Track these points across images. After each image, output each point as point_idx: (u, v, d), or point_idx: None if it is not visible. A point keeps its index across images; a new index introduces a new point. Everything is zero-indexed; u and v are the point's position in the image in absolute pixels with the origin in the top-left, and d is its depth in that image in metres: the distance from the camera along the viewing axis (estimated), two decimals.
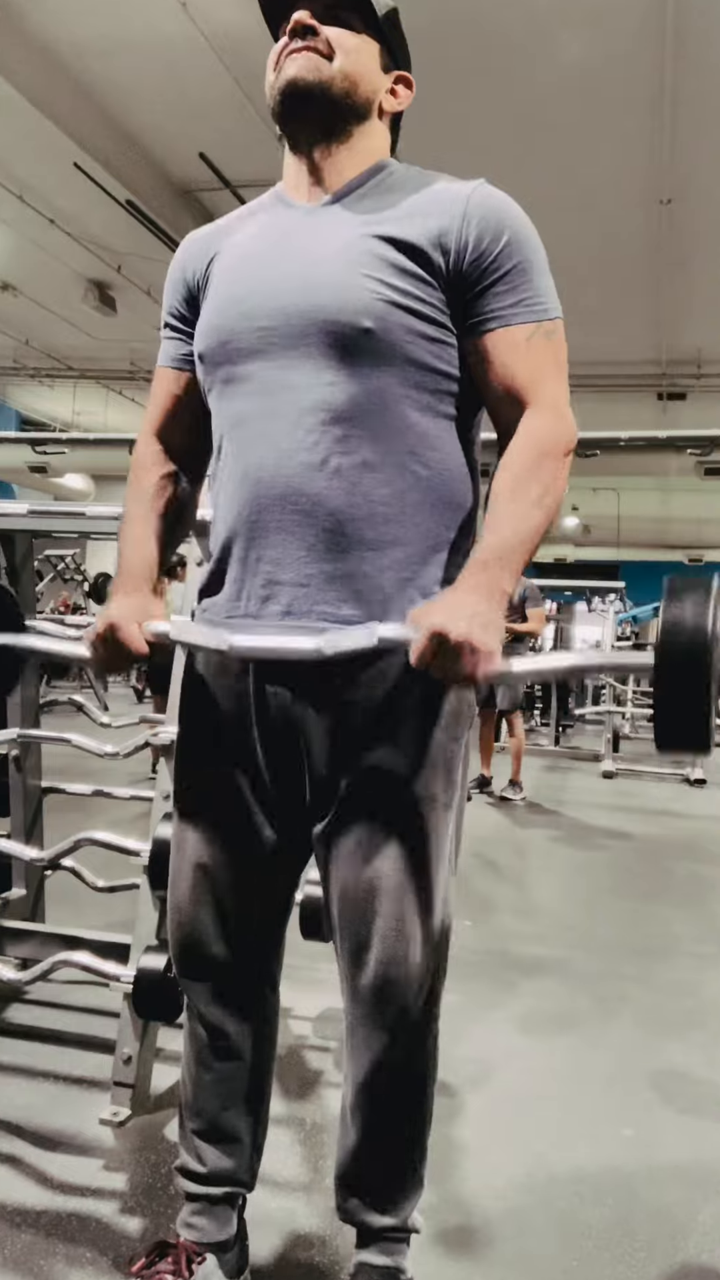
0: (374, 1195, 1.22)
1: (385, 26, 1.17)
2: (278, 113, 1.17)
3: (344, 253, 1.11)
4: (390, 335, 1.09)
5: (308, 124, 1.16)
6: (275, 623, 1.12)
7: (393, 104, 1.22)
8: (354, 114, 1.16)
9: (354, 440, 1.09)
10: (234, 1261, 1.29)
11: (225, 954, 1.22)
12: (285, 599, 1.12)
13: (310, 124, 1.16)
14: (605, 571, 18.84)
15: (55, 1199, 1.54)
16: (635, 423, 9.29)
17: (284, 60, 1.14)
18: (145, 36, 5.21)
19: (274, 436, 1.11)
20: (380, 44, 1.18)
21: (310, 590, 1.10)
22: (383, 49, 1.18)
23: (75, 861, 2.20)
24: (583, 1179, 1.69)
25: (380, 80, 1.19)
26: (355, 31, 1.15)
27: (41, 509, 2.13)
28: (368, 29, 1.16)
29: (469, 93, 5.15)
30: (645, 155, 5.92)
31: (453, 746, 1.16)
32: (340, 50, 1.13)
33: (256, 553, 1.13)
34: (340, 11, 1.14)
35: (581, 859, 4.47)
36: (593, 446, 6.58)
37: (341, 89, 1.14)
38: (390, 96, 1.21)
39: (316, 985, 2.25)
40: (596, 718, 9.85)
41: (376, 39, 1.17)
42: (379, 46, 1.18)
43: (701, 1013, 2.52)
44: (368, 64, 1.16)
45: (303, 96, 1.13)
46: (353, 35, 1.14)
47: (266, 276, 1.15)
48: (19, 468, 13.76)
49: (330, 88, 1.13)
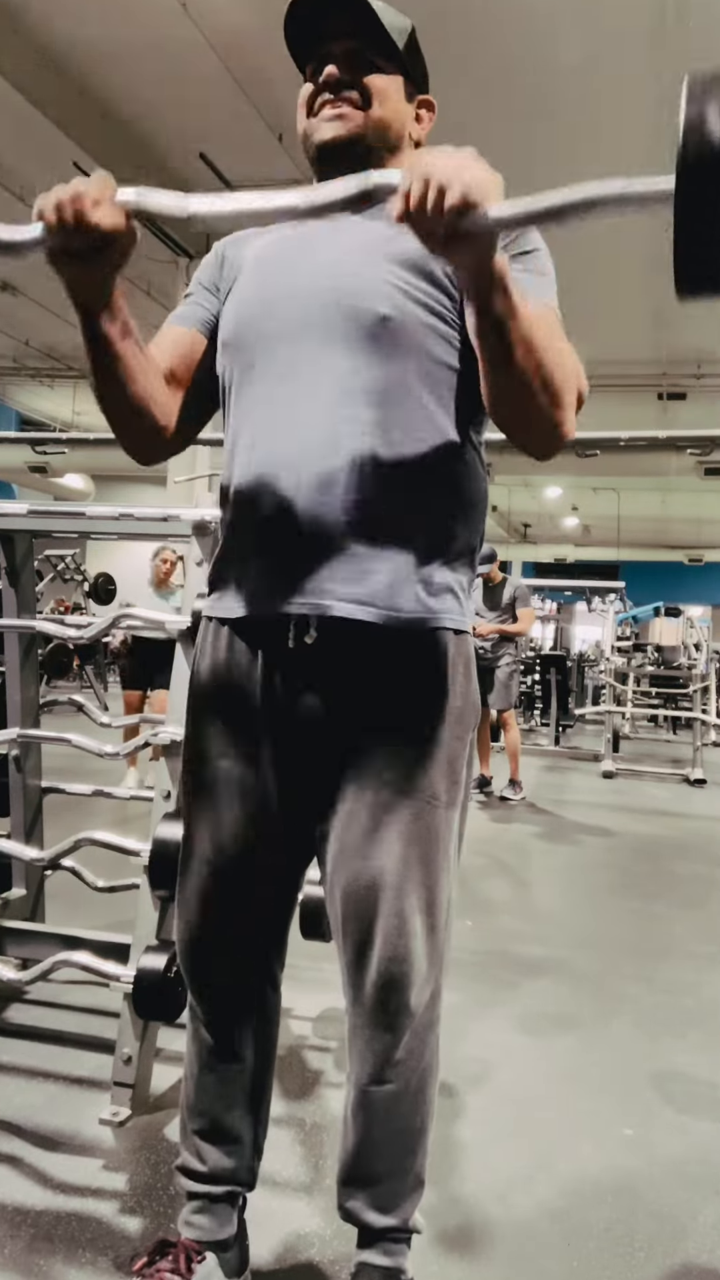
0: (376, 1196, 1.22)
1: (407, 55, 1.20)
2: (315, 161, 1.20)
3: (362, 249, 1.15)
4: (407, 325, 1.11)
5: (344, 168, 1.18)
6: (284, 601, 1.12)
7: (419, 131, 1.25)
8: (387, 150, 1.20)
9: (370, 426, 1.10)
10: (234, 1261, 1.29)
11: (230, 952, 1.22)
12: (291, 583, 1.12)
13: (347, 168, 1.17)
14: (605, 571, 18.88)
15: (55, 1199, 1.54)
16: (635, 423, 9.29)
17: (318, 113, 1.18)
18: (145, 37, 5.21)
19: (289, 422, 1.13)
20: (403, 74, 1.21)
21: (319, 575, 1.11)
22: (406, 80, 1.21)
23: (75, 861, 2.20)
24: (583, 1179, 1.69)
25: (408, 113, 1.23)
26: (384, 72, 1.18)
27: (41, 509, 2.13)
28: (392, 63, 1.19)
29: (468, 93, 5.15)
30: (645, 155, 5.93)
31: (456, 745, 1.16)
32: (376, 98, 1.17)
33: (266, 536, 1.14)
34: (369, 53, 1.17)
35: (582, 859, 4.47)
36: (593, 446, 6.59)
37: (377, 135, 1.18)
38: (415, 124, 1.25)
39: (316, 985, 2.26)
40: (596, 718, 9.87)
41: (400, 71, 1.20)
42: (403, 78, 1.21)
43: (701, 1013, 2.53)
44: (397, 103, 1.20)
45: (341, 151, 1.16)
46: (382, 77, 1.17)
47: (290, 271, 1.18)
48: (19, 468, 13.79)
49: (366, 138, 1.17)
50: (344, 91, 1.16)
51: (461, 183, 0.83)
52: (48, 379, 12.31)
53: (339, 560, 1.10)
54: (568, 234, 0.98)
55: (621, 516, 16.85)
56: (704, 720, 7.71)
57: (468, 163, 0.85)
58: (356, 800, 1.13)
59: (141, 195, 0.96)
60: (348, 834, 1.13)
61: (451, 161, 0.85)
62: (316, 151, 1.19)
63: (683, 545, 19.45)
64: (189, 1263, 1.24)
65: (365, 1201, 1.22)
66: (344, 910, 1.16)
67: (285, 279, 1.17)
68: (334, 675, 1.13)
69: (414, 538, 1.13)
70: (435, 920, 1.15)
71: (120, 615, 2.04)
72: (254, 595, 1.15)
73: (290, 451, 1.12)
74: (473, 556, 1.21)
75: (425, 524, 1.14)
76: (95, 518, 2.10)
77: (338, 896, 1.16)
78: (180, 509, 1.92)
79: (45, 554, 9.37)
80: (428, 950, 1.15)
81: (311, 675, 1.13)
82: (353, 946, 1.15)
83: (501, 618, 5.91)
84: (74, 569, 9.75)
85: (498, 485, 15.33)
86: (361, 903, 1.13)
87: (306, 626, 1.11)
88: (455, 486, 1.16)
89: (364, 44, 1.16)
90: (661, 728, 11.80)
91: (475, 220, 0.84)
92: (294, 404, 1.12)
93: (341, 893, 1.15)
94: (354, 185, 0.90)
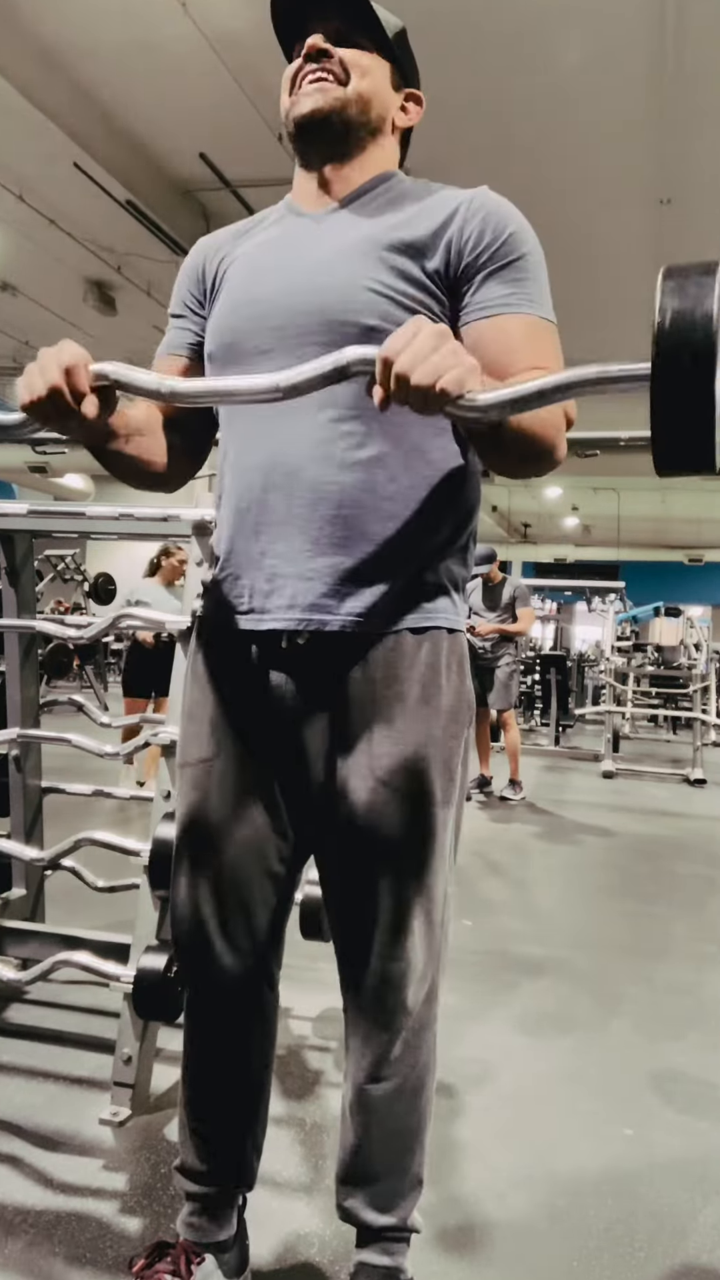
0: (374, 1195, 1.22)
1: (395, 46, 1.20)
2: (294, 138, 1.20)
3: (348, 255, 1.13)
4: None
5: (323, 145, 1.19)
6: (280, 616, 1.12)
7: (404, 120, 1.25)
8: (367, 132, 1.19)
9: (360, 436, 1.11)
10: (234, 1261, 1.29)
11: (226, 952, 1.22)
12: (289, 592, 1.12)
13: (325, 145, 1.19)
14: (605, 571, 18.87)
15: (55, 1199, 1.54)
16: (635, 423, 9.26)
17: (300, 86, 1.17)
18: (145, 37, 5.21)
19: (282, 432, 1.13)
20: (391, 63, 1.20)
21: (314, 584, 1.11)
22: (393, 68, 1.21)
23: (75, 861, 2.20)
24: (583, 1179, 1.69)
25: (392, 98, 1.22)
26: (368, 52, 1.17)
27: (41, 509, 2.13)
28: (379, 49, 1.18)
29: (467, 94, 5.15)
30: (645, 155, 5.93)
31: (452, 744, 1.17)
32: (355, 71, 1.16)
33: (261, 546, 1.14)
34: (353, 34, 1.17)
35: (582, 859, 4.47)
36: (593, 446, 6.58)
37: (356, 110, 1.17)
38: (401, 113, 1.24)
39: (316, 985, 2.25)
40: (596, 718, 9.87)
41: (387, 59, 1.20)
42: (390, 66, 1.20)
43: (701, 1013, 2.53)
44: (380, 84, 1.19)
45: (320, 124, 1.16)
46: (365, 55, 1.17)
47: (275, 280, 1.17)
48: (19, 468, 13.79)
49: (345, 110, 1.16)
50: (325, 62, 1.15)
51: (437, 378, 0.84)
52: None
53: (332, 573, 1.11)
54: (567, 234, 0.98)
55: (621, 516, 16.84)
56: (704, 720, 7.70)
57: (443, 353, 0.85)
58: (352, 799, 1.13)
59: (116, 369, 0.97)
60: (344, 835, 1.13)
61: (424, 350, 0.84)
62: (295, 127, 1.18)
63: (683, 545, 19.45)
64: (188, 1264, 1.24)
65: (363, 1201, 1.22)
66: (341, 910, 1.16)
67: (269, 290, 1.16)
68: (328, 675, 1.13)
69: (406, 545, 1.13)
70: (432, 919, 1.15)
71: (120, 615, 2.04)
72: (249, 610, 1.16)
73: (281, 464, 1.12)
74: (465, 555, 1.22)
75: (417, 530, 1.14)
76: (95, 518, 2.10)
77: (335, 897, 1.16)
78: (180, 509, 1.92)
79: (45, 554, 9.37)
80: (425, 949, 1.15)
81: (304, 674, 1.14)
82: (350, 946, 1.15)
83: (501, 618, 5.91)
84: (74, 569, 9.75)
85: (498, 485, 15.33)
86: (358, 903, 1.13)
87: (299, 634, 1.12)
88: (447, 492, 1.16)
89: (349, 23, 1.17)
90: (661, 728, 11.80)
91: (459, 407, 0.86)
92: (282, 417, 1.12)
93: (339, 893, 1.16)
94: (330, 363, 0.91)
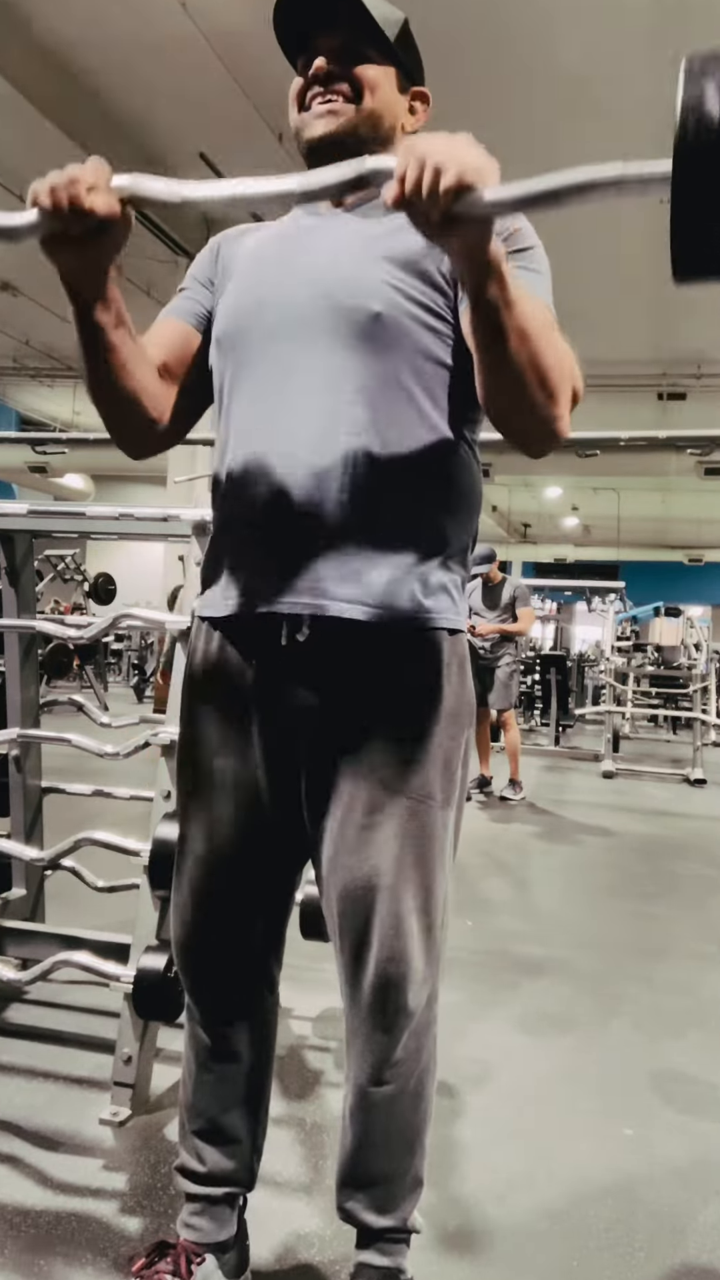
0: (375, 1196, 1.22)
1: (399, 48, 1.19)
2: (306, 157, 1.19)
3: (356, 248, 1.14)
4: (400, 322, 1.11)
5: (336, 161, 1.18)
6: (277, 601, 1.11)
7: (412, 123, 1.24)
8: (378, 144, 1.18)
9: (363, 424, 1.10)
10: (234, 1262, 1.29)
11: (226, 953, 1.22)
12: (285, 581, 1.11)
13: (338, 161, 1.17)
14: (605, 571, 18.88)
15: (55, 1199, 1.54)
16: (635, 423, 9.28)
17: (309, 106, 1.17)
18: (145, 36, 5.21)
19: (282, 419, 1.12)
20: (395, 66, 1.19)
21: (313, 573, 1.10)
22: (398, 71, 1.20)
23: (75, 861, 2.20)
24: (583, 1179, 1.69)
25: (400, 105, 1.21)
26: (374, 62, 1.17)
27: (41, 509, 2.13)
28: (383, 55, 1.18)
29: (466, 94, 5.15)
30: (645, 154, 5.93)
31: (451, 745, 1.16)
32: (366, 88, 1.16)
33: (259, 533, 1.14)
34: (358, 44, 1.16)
35: (582, 859, 4.47)
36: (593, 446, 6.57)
37: (368, 128, 1.17)
38: (409, 116, 1.23)
39: (316, 985, 2.25)
40: (596, 718, 9.86)
41: (392, 62, 1.19)
42: (395, 69, 1.19)
43: (701, 1013, 2.52)
44: (389, 94, 1.19)
45: (331, 145, 1.15)
46: (372, 67, 1.16)
47: (283, 269, 1.18)
48: (19, 468, 13.79)
49: (358, 130, 1.16)
50: (334, 84, 1.15)
51: (457, 165, 0.83)
52: (48, 379, 12.30)
53: (333, 558, 1.10)
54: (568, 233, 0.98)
55: (621, 516, 16.84)
56: (704, 720, 7.70)
57: (463, 145, 0.85)
58: (351, 800, 1.12)
59: (136, 181, 0.95)
60: (343, 834, 1.13)
61: (447, 144, 0.84)
62: (308, 148, 1.18)
63: (683, 545, 19.45)
64: (188, 1264, 1.24)
65: (364, 1202, 1.22)
66: (340, 911, 1.16)
67: (279, 276, 1.17)
68: (327, 674, 1.12)
69: (408, 536, 1.12)
70: (432, 920, 1.15)
71: (120, 615, 2.04)
72: (246, 593, 1.14)
73: (283, 449, 1.11)
74: (465, 555, 1.21)
75: (419, 522, 1.13)
76: (95, 518, 2.10)
77: (334, 897, 1.16)
78: (180, 509, 1.92)
79: (45, 554, 9.37)
80: (425, 950, 1.14)
81: (304, 674, 1.13)
82: (349, 947, 1.15)
83: (501, 617, 5.91)
84: (74, 569, 9.75)
85: (498, 485, 15.32)
86: (357, 903, 1.13)
87: (299, 624, 1.11)
88: (449, 483, 1.16)
89: (354, 36, 1.15)
90: (661, 728, 11.79)
91: (471, 203, 0.83)
92: (287, 401, 1.12)
93: (337, 893, 1.15)
94: (349, 170, 0.89)
